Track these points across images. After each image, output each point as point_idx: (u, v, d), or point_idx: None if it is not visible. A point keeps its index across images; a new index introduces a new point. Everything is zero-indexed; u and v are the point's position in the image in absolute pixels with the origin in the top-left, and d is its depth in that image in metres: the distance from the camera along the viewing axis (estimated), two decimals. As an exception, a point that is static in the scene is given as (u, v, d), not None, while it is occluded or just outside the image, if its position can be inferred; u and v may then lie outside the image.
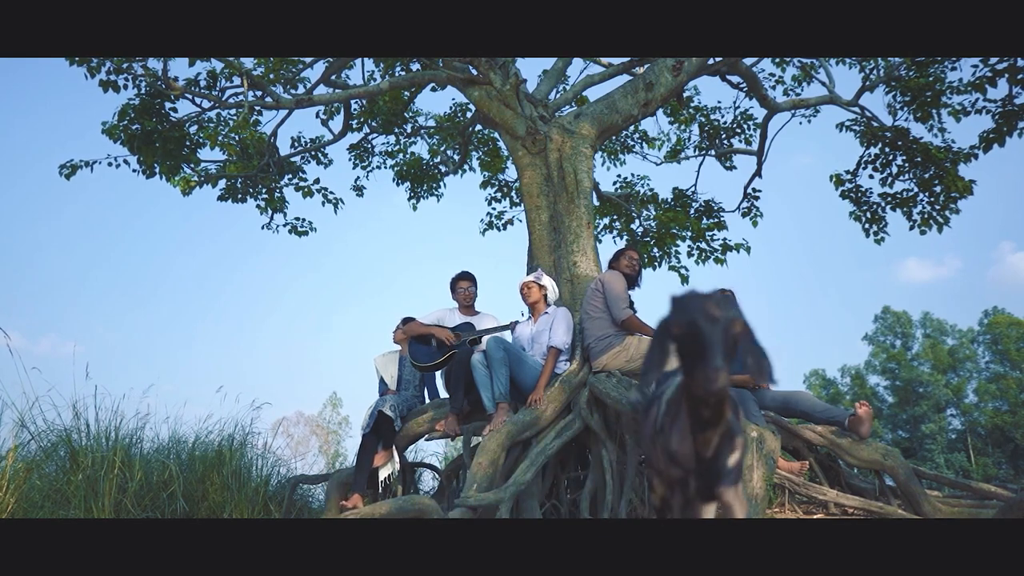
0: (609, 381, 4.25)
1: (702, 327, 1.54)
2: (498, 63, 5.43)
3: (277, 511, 4.70)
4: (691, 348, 1.55)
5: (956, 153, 6.93)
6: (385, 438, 4.49)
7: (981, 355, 38.88)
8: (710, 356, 1.51)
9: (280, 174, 7.68)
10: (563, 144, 5.49)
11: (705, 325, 1.54)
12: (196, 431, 5.08)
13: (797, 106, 7.61)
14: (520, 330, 4.71)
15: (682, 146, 9.22)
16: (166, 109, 6.27)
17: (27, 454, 4.20)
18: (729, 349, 1.56)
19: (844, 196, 7.71)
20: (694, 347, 1.55)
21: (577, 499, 4.27)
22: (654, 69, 5.95)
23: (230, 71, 6.05)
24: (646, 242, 8.53)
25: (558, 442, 4.12)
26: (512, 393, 4.29)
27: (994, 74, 5.65)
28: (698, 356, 1.53)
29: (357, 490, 4.22)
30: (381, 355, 5.17)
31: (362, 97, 7.51)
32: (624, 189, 9.04)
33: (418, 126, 8.64)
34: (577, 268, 5.16)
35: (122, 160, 6.47)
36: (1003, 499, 3.84)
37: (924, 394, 37.44)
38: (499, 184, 9.22)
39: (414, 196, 8.84)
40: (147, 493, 4.27)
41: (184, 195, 6.91)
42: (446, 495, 4.74)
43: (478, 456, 3.91)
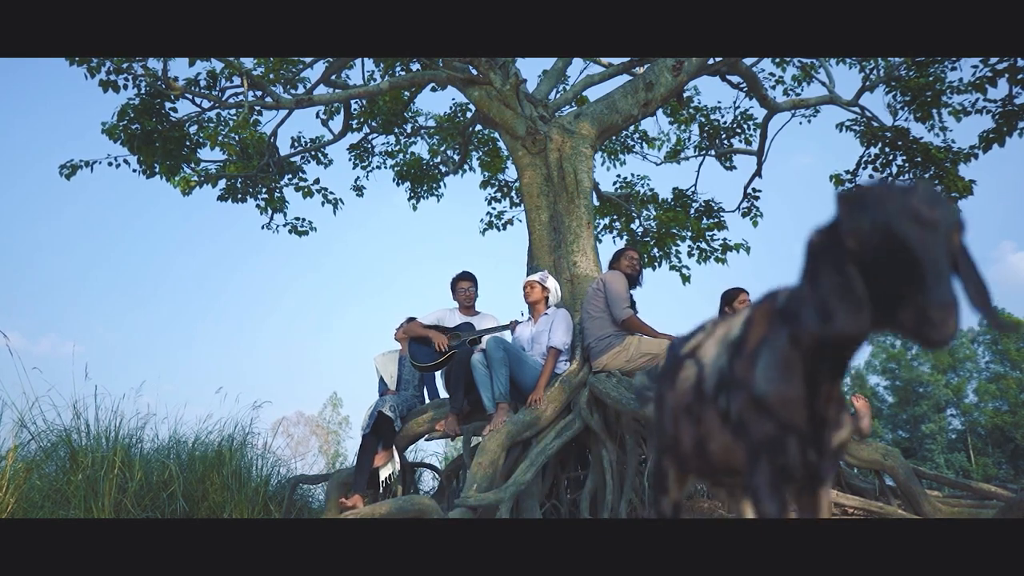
0: (609, 381, 4.25)
1: (911, 236, 1.05)
2: (498, 63, 5.43)
3: (277, 511, 4.70)
4: (891, 269, 1.06)
5: (956, 153, 6.93)
6: (385, 438, 4.49)
7: (981, 355, 38.87)
8: (934, 281, 1.02)
9: (280, 174, 7.68)
10: (563, 144, 5.49)
11: (916, 232, 1.05)
12: (196, 431, 5.09)
13: (797, 106, 7.60)
14: (520, 330, 4.71)
15: (682, 146, 9.22)
16: (166, 109, 6.27)
17: (27, 454, 4.21)
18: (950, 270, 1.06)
19: (844, 196, 7.70)
20: (898, 267, 1.05)
21: (577, 499, 4.27)
22: (654, 69, 5.95)
23: (230, 71, 6.05)
24: (646, 242, 8.53)
25: (558, 442, 4.12)
26: (512, 393, 4.29)
27: (994, 74, 5.65)
28: (908, 281, 1.04)
29: (357, 490, 4.22)
30: (381, 355, 5.17)
31: (362, 97, 7.51)
32: (624, 189, 9.04)
33: (418, 126, 8.64)
34: (577, 268, 5.16)
35: (122, 160, 6.47)
36: (1003, 499, 3.84)
37: (924, 394, 37.43)
38: (499, 184, 9.22)
39: (414, 196, 8.84)
40: (147, 493, 4.27)
41: (184, 195, 6.92)
42: (446, 495, 4.74)
43: (478, 456, 3.91)
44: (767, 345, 1.35)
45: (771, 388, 1.31)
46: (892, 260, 1.07)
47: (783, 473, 1.33)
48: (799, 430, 1.30)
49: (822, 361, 1.28)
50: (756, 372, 1.34)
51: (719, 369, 1.47)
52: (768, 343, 1.34)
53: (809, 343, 1.27)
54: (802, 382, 1.29)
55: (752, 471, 1.35)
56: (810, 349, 1.27)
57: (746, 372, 1.37)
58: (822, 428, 1.32)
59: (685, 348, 1.67)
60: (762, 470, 1.33)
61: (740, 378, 1.39)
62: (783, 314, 1.33)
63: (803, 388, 1.29)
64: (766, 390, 1.32)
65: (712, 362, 1.51)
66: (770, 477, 1.32)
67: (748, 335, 1.41)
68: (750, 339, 1.40)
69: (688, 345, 1.66)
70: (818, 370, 1.29)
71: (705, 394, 1.51)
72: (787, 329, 1.30)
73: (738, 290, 4.72)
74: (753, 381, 1.34)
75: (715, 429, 1.47)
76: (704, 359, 1.55)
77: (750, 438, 1.35)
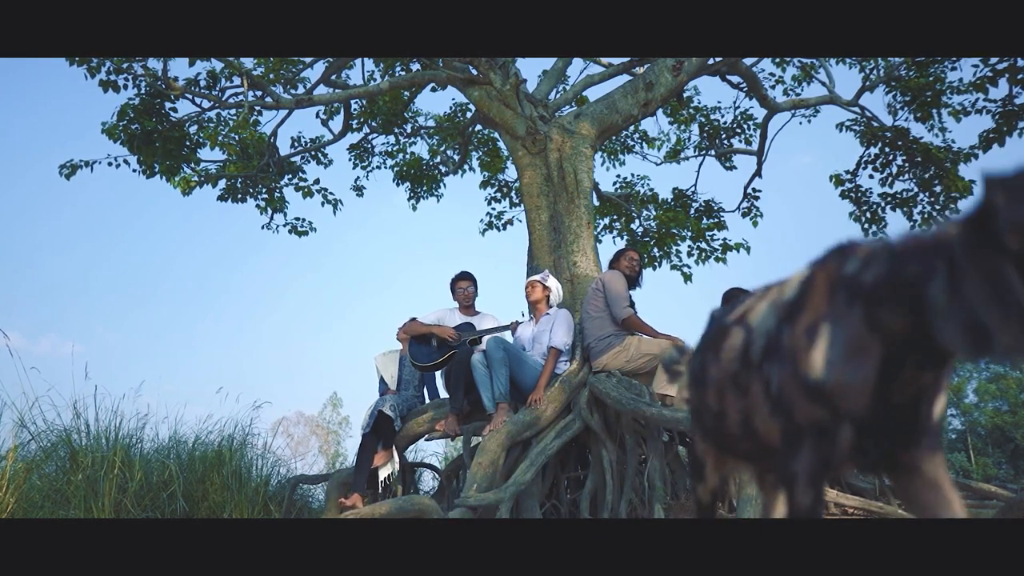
0: (609, 381, 4.25)
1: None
2: (498, 63, 5.43)
3: (277, 511, 4.70)
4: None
5: (956, 153, 6.93)
6: (385, 438, 4.49)
7: (981, 355, 38.85)
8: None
9: (280, 174, 7.68)
10: (563, 144, 5.49)
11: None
12: (196, 431, 5.08)
13: (797, 106, 7.60)
14: (521, 331, 4.71)
15: (682, 146, 9.21)
16: (166, 109, 6.27)
17: (27, 454, 4.20)
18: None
19: (844, 196, 7.71)
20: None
21: (577, 499, 4.27)
22: (654, 69, 5.95)
23: (230, 71, 6.05)
24: (646, 242, 8.53)
25: (558, 442, 4.12)
26: (512, 393, 4.29)
27: (994, 74, 5.65)
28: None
29: (357, 490, 4.22)
30: (381, 354, 5.17)
31: (362, 97, 7.51)
32: (624, 189, 9.04)
33: (418, 126, 8.64)
34: (577, 268, 5.16)
35: (122, 160, 6.47)
36: (1003, 499, 3.84)
37: (924, 394, 37.41)
38: (499, 184, 9.22)
39: (414, 196, 8.84)
40: (147, 493, 4.27)
41: (184, 195, 6.92)
42: (446, 495, 4.74)
43: (478, 456, 3.92)
44: (831, 322, 1.14)
45: (831, 375, 1.12)
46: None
47: (826, 464, 1.17)
48: (859, 419, 1.12)
49: (918, 353, 1.07)
50: (813, 353, 1.15)
51: (767, 331, 1.30)
52: (832, 320, 1.14)
53: (902, 333, 1.05)
54: (877, 371, 1.09)
55: (791, 456, 1.19)
56: (903, 341, 1.06)
57: (798, 347, 1.18)
58: (897, 413, 1.13)
59: (732, 315, 1.49)
60: (804, 457, 1.17)
61: (788, 350, 1.20)
62: (853, 285, 1.12)
63: (876, 377, 1.10)
64: (825, 377, 1.13)
65: (760, 324, 1.33)
66: (811, 466, 1.16)
67: (805, 301, 1.21)
68: (808, 307, 1.20)
69: (736, 312, 1.49)
70: (907, 360, 1.08)
71: (752, 360, 1.33)
72: (861, 308, 1.10)
73: (738, 290, 4.72)
74: (808, 363, 1.15)
75: (760, 402, 1.30)
76: (753, 322, 1.37)
77: (793, 420, 1.18)
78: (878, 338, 1.09)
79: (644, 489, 3.98)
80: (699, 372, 1.58)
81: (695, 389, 1.62)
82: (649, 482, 3.93)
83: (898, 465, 1.20)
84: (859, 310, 1.11)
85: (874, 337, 1.10)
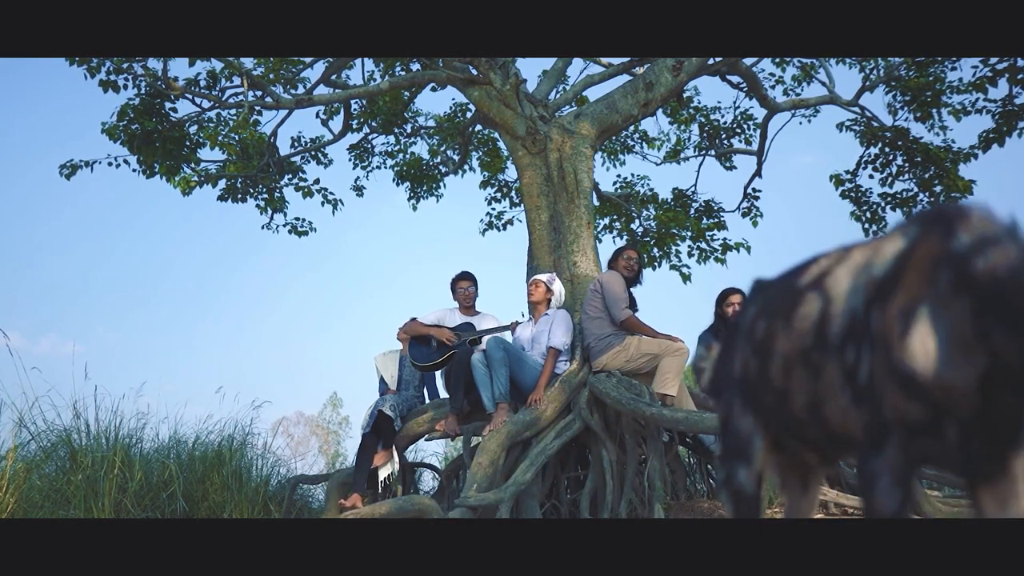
0: (609, 381, 4.25)
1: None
2: (498, 63, 5.43)
3: (277, 511, 4.70)
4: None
5: (956, 153, 6.93)
6: (385, 438, 4.49)
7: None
8: None
9: (280, 174, 7.68)
10: (563, 144, 5.49)
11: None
12: (196, 431, 5.09)
13: (797, 106, 7.60)
14: (520, 331, 4.71)
15: (682, 146, 9.21)
16: (166, 109, 6.27)
17: (27, 454, 4.21)
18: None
19: (844, 196, 7.70)
20: None
21: (577, 499, 4.27)
22: (654, 69, 5.95)
23: (230, 71, 6.05)
24: (646, 242, 8.53)
25: (558, 442, 4.12)
26: (512, 393, 4.30)
27: (994, 74, 5.65)
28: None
29: (357, 490, 4.22)
30: (381, 354, 5.18)
31: (362, 97, 7.51)
32: (624, 189, 9.04)
33: (418, 126, 8.63)
34: (577, 268, 5.17)
35: (122, 160, 6.47)
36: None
37: (924, 394, 37.42)
38: (499, 184, 9.21)
39: (414, 196, 8.84)
40: (147, 493, 4.27)
41: (184, 195, 6.92)
42: (446, 495, 4.74)
43: (478, 456, 3.92)
44: (931, 308, 0.98)
45: (930, 369, 0.96)
46: None
47: (915, 464, 1.03)
48: (963, 419, 0.96)
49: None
50: (911, 341, 0.99)
51: (851, 311, 1.14)
52: (933, 305, 0.98)
53: (1016, 361, 0.89)
54: (985, 366, 0.92)
55: (874, 453, 1.05)
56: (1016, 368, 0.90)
57: (890, 332, 1.03)
58: (1008, 408, 0.94)
59: (805, 278, 1.30)
60: (890, 455, 1.03)
61: (879, 335, 1.05)
62: (962, 268, 0.95)
63: (984, 373, 0.93)
64: (922, 369, 0.97)
65: (844, 298, 1.16)
66: (899, 466, 1.02)
67: (901, 280, 1.05)
68: (903, 287, 1.04)
69: (809, 273, 1.30)
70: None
71: (830, 340, 1.17)
72: (970, 301, 0.92)
73: (731, 291, 4.72)
74: (905, 351, 0.99)
75: (836, 387, 1.16)
76: (832, 292, 1.20)
77: (881, 413, 1.04)
78: (985, 350, 0.92)
79: (644, 489, 3.98)
80: (764, 340, 1.37)
81: (756, 359, 1.41)
82: (649, 482, 3.93)
83: (997, 468, 1.02)
84: (967, 303, 0.93)
85: (981, 344, 0.93)
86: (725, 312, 4.66)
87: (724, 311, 4.68)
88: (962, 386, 0.94)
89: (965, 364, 0.94)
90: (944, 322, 0.96)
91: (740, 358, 1.46)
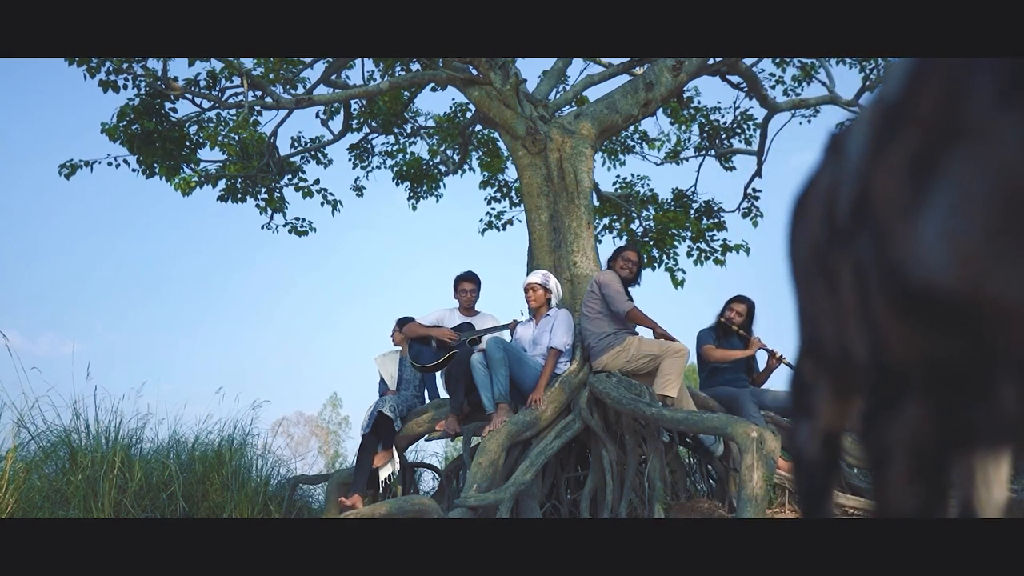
0: (609, 381, 4.25)
1: None
2: (498, 63, 5.43)
3: (277, 511, 4.70)
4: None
5: (956, 153, 6.92)
6: (385, 438, 4.49)
7: (981, 355, 38.87)
8: None
9: (280, 174, 7.67)
10: (563, 144, 5.49)
11: None
12: (196, 431, 5.09)
13: (797, 106, 7.60)
14: (521, 331, 4.71)
15: (682, 146, 9.21)
16: (166, 109, 6.27)
17: (27, 454, 4.21)
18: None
19: (844, 196, 7.70)
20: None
21: (577, 499, 4.28)
22: (654, 69, 5.95)
23: (230, 71, 6.05)
24: (646, 242, 8.53)
25: (558, 442, 4.12)
26: (512, 393, 4.30)
27: (994, 74, 5.65)
28: None
29: (357, 490, 4.22)
30: (381, 355, 5.18)
31: (362, 97, 7.51)
32: (624, 189, 9.04)
33: (418, 126, 8.63)
34: (577, 268, 5.17)
35: (122, 160, 6.47)
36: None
37: (924, 394, 37.43)
38: (499, 184, 9.22)
39: (414, 196, 8.84)
40: (147, 493, 4.27)
41: (184, 195, 6.91)
42: (446, 495, 4.74)
43: (478, 456, 3.92)
44: (955, 156, 0.58)
45: (956, 271, 0.56)
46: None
47: (951, 438, 0.64)
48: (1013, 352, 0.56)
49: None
50: (919, 221, 0.58)
51: (856, 164, 0.74)
52: (957, 151, 0.58)
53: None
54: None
55: (881, 419, 0.68)
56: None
57: (885, 204, 0.64)
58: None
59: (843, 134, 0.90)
60: (907, 421, 0.65)
61: (873, 209, 0.67)
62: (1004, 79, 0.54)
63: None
64: (941, 272, 0.56)
65: (852, 146, 0.77)
66: (917, 441, 0.65)
67: (908, 108, 0.66)
68: (911, 122, 0.64)
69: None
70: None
71: (838, 220, 0.76)
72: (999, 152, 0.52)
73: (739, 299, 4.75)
74: (905, 240, 0.60)
75: (853, 304, 0.74)
76: (848, 147, 0.82)
77: (882, 355, 0.66)
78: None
79: (644, 489, 3.98)
80: (789, 248, 1.04)
81: (794, 277, 1.03)
82: (649, 482, 3.93)
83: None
84: (1019, 127, 0.52)
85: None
86: (728, 316, 4.69)
87: (727, 315, 4.71)
88: (1016, 292, 0.52)
89: (1019, 247, 0.51)
90: (981, 177, 0.53)
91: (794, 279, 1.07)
